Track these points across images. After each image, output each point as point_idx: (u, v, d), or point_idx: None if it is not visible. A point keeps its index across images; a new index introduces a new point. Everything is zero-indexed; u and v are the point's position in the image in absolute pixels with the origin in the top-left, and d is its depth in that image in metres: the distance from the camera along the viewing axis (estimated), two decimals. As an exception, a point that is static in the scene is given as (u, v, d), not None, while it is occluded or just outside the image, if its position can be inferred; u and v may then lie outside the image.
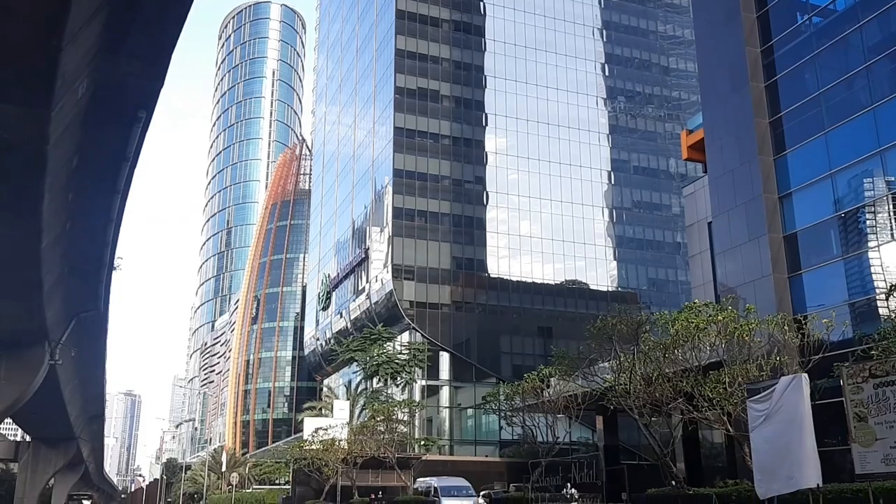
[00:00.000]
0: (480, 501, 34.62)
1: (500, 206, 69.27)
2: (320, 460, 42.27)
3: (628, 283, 72.96)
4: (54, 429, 51.54)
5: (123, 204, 23.68)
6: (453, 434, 64.97)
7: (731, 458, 26.60)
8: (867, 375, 12.65)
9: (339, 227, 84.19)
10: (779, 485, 13.76)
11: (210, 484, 76.75)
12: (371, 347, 61.03)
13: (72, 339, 33.20)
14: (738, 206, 30.95)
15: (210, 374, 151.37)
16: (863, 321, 25.75)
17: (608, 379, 22.83)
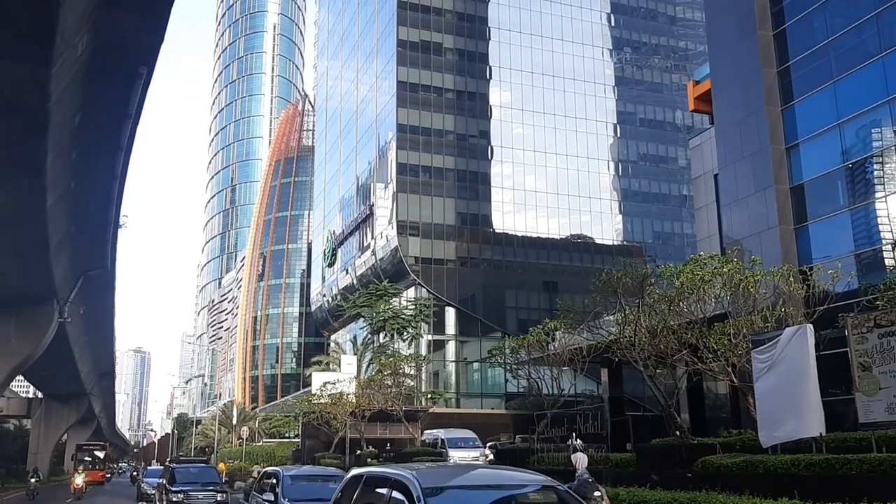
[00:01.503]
0: (487, 452, 35.11)
1: (504, 161, 68.89)
2: (329, 414, 42.83)
3: (634, 237, 72.88)
4: (66, 385, 52.26)
5: (127, 161, 23.65)
6: (459, 387, 65.69)
7: (735, 409, 26.82)
8: (872, 325, 12.71)
9: (344, 183, 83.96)
10: (782, 433, 13.92)
11: (221, 438, 78.02)
12: (377, 303, 61.36)
13: (80, 297, 33.46)
14: (744, 157, 30.72)
15: (218, 330, 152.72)
16: (868, 272, 25.74)
17: (613, 332, 22.93)
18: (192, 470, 24.26)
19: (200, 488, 21.63)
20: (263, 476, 15.91)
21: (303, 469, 18.57)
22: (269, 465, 53.49)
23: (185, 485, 21.78)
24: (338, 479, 13.76)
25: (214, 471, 25.65)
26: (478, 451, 35.16)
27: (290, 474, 14.60)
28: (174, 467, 23.81)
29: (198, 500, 21.18)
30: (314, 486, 14.05)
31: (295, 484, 13.87)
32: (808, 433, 13.51)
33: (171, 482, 21.98)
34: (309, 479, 15.02)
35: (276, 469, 15.47)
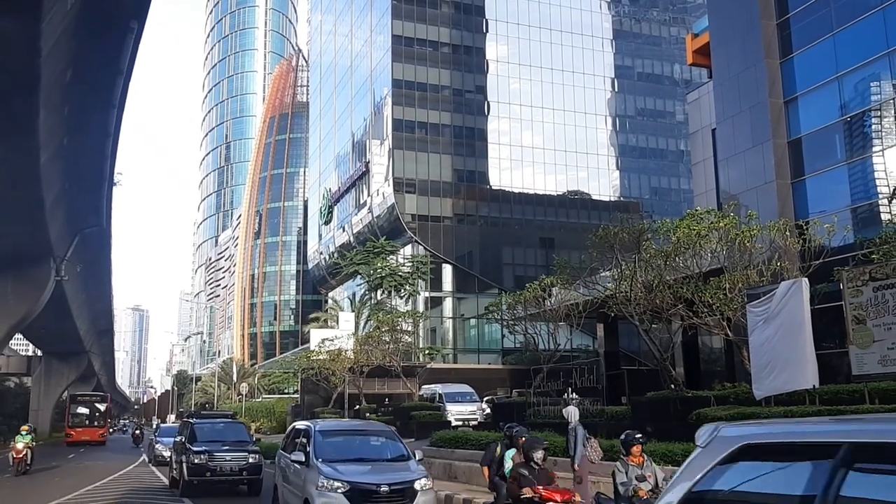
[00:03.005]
0: (484, 406, 35.54)
1: (501, 117, 68.36)
2: (327, 370, 43.18)
3: (631, 193, 72.74)
4: (65, 343, 52.54)
5: (120, 118, 23.46)
6: (457, 343, 66.17)
7: (729, 363, 27.09)
8: (867, 279, 12.75)
9: (339, 140, 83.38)
10: (775, 386, 14.07)
11: (220, 394, 78.82)
12: (374, 260, 61.45)
13: (76, 255, 33.47)
14: (742, 111, 30.51)
15: (216, 288, 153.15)
16: (864, 226, 25.78)
17: (609, 287, 23.02)
18: (217, 426, 20.32)
19: (228, 448, 18.10)
20: (292, 433, 13.48)
21: (339, 423, 16.25)
22: (269, 422, 54.36)
23: (209, 444, 18.21)
24: (383, 434, 12.68)
25: (243, 427, 21.27)
26: (475, 406, 35.60)
27: (322, 429, 12.39)
28: (194, 423, 19.84)
29: (225, 463, 17.65)
30: (352, 444, 12.25)
31: (329, 441, 11.88)
32: (802, 385, 13.65)
33: (192, 441, 18.32)
34: (346, 434, 13.00)
35: (306, 424, 12.92)
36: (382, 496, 10.31)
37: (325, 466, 10.68)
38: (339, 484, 10.22)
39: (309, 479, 10.73)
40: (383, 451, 12.11)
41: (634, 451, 8.39)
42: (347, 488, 10.21)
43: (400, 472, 10.96)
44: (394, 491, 10.34)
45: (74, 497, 17.81)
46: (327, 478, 10.40)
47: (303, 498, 10.78)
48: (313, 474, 10.66)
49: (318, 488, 10.31)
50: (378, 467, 11.36)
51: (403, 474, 10.87)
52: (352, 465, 10.97)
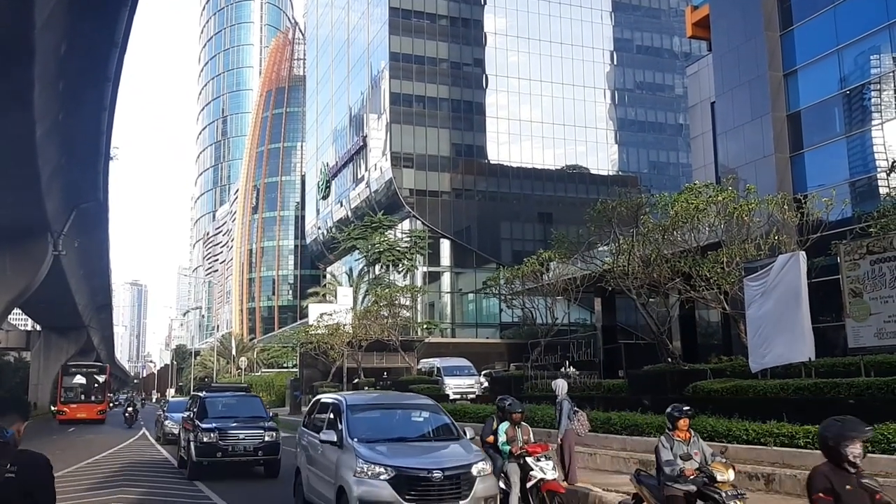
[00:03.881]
0: (482, 380, 35.76)
1: (499, 90, 67.96)
2: (326, 344, 43.40)
3: (629, 167, 72.55)
4: (64, 318, 52.63)
5: (116, 92, 23.31)
6: (455, 318, 66.36)
7: (726, 336, 27.24)
8: (864, 252, 12.77)
9: (336, 114, 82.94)
10: (772, 358, 14.14)
11: (220, 368, 79.14)
12: (372, 235, 61.47)
13: (74, 230, 33.42)
14: (741, 84, 30.37)
15: (214, 263, 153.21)
16: (863, 200, 25.78)
17: (607, 261, 23.05)
18: (230, 400, 18.40)
19: (241, 425, 16.26)
20: (316, 408, 11.61)
21: (374, 396, 14.00)
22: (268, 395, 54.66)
23: (220, 420, 16.46)
24: (426, 408, 10.77)
25: (259, 401, 19.03)
26: (472, 379, 35.81)
27: (354, 403, 10.54)
28: (204, 397, 17.91)
29: (238, 442, 15.83)
30: (391, 420, 10.55)
31: (364, 416, 10.20)
32: (798, 358, 13.73)
33: (201, 417, 16.52)
34: (384, 408, 11.14)
35: (335, 398, 10.94)
36: (435, 484, 8.60)
37: (362, 448, 9.05)
38: (381, 469, 8.61)
39: (343, 463, 9.08)
40: (428, 429, 10.41)
41: (681, 426, 7.62)
42: (392, 475, 8.56)
43: (453, 455, 9.24)
44: (448, 478, 8.64)
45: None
46: (367, 462, 8.76)
47: (336, 486, 9.12)
48: (348, 457, 9.03)
49: (356, 474, 8.67)
50: (425, 448, 9.73)
51: (457, 457, 9.14)
52: (394, 445, 9.39)
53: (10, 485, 3.46)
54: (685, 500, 7.30)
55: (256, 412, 17.49)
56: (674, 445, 7.53)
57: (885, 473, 9.58)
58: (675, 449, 7.49)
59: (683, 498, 7.29)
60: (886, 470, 9.70)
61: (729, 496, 7.01)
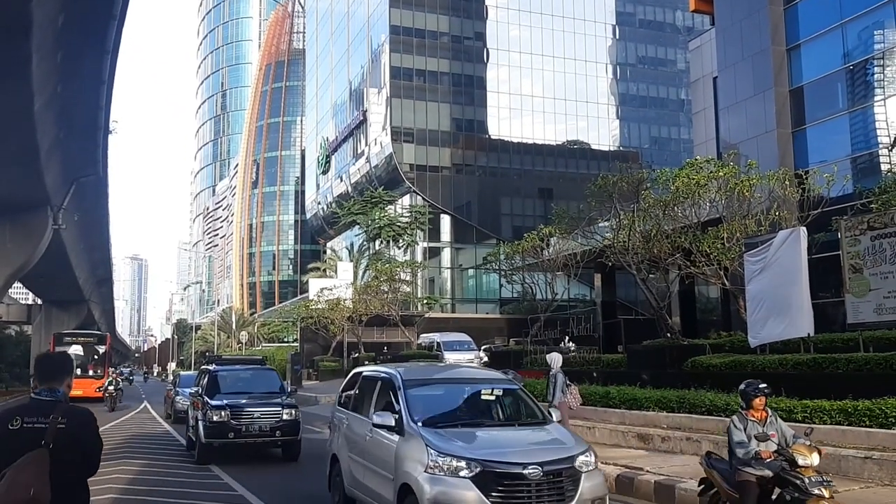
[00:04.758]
0: (481, 355, 35.94)
1: (500, 65, 67.50)
2: (326, 319, 43.56)
3: (630, 142, 72.28)
4: (64, 292, 52.75)
5: (114, 64, 23.17)
6: (455, 293, 66.48)
7: (725, 312, 27.33)
8: (865, 228, 12.76)
9: (336, 88, 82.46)
10: (771, 334, 14.19)
11: (220, 342, 79.46)
12: (372, 210, 61.38)
13: (73, 203, 33.40)
14: (744, 59, 30.16)
15: (214, 237, 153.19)
16: (864, 176, 25.73)
17: (607, 237, 23.07)
18: (243, 374, 16.66)
19: (256, 401, 14.60)
20: (358, 384, 9.48)
21: (433, 370, 11.07)
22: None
23: (232, 396, 14.77)
24: (498, 382, 8.68)
25: (275, 375, 17.30)
26: (472, 354, 35.98)
27: (411, 378, 8.39)
28: (214, 371, 16.03)
29: (253, 421, 14.11)
30: (459, 398, 8.43)
31: (425, 395, 8.19)
32: (797, 334, 13.77)
33: (211, 393, 14.82)
34: (448, 384, 8.96)
35: (384, 371, 8.85)
36: (532, 484, 6.67)
37: (432, 436, 7.13)
38: (461, 464, 6.71)
39: (407, 454, 7.20)
40: (505, 410, 8.45)
41: (756, 405, 6.87)
42: (477, 471, 6.66)
43: (548, 444, 7.31)
44: (549, 474, 6.73)
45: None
46: (442, 454, 6.85)
47: (397, 483, 7.26)
48: (414, 447, 7.14)
49: (427, 470, 6.81)
50: (510, 436, 7.72)
51: (555, 447, 7.18)
52: (468, 432, 7.47)
53: (62, 435, 4.00)
54: (759, 486, 6.63)
55: (273, 387, 15.82)
56: (748, 426, 6.83)
57: (883, 448, 9.65)
58: (749, 429, 6.78)
59: (757, 483, 6.62)
60: (884, 445, 9.76)
61: (813, 483, 6.26)
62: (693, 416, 13.02)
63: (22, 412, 4.09)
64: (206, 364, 18.42)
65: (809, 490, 6.25)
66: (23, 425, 4.03)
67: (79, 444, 4.11)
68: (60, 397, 4.20)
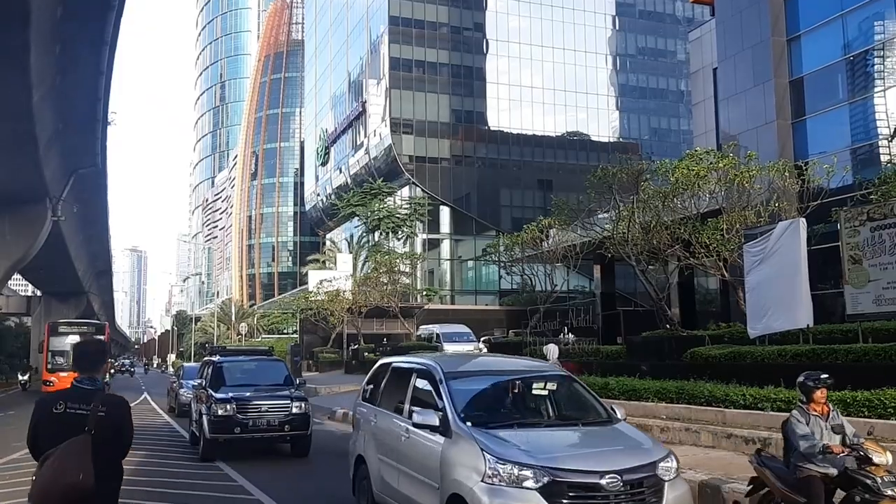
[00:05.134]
0: (481, 346, 35.98)
1: (500, 55, 67.33)
2: (326, 310, 43.62)
3: (630, 134, 72.18)
4: (64, 284, 52.75)
5: (112, 56, 23.12)
6: (454, 284, 66.51)
7: (724, 303, 27.36)
8: (865, 219, 12.77)
9: (335, 79, 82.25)
10: (770, 325, 14.22)
11: (220, 334, 79.50)
12: (372, 202, 61.35)
13: (72, 195, 33.39)
14: (744, 49, 30.10)
15: (213, 229, 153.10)
16: (864, 167, 25.73)
17: (607, 228, 23.09)
18: (248, 365, 15.97)
19: (264, 394, 13.84)
20: (384, 375, 8.47)
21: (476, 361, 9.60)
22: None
23: (238, 389, 14.00)
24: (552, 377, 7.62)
25: (283, 366, 16.49)
26: (472, 345, 36.02)
27: (453, 370, 7.34)
28: (219, 362, 15.40)
29: (260, 416, 13.35)
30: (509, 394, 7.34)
31: (470, 389, 7.15)
32: (796, 325, 13.80)
33: (215, 386, 14.19)
34: (494, 376, 7.69)
35: (420, 362, 7.74)
36: (611, 496, 5.70)
37: (486, 438, 6.05)
38: (527, 473, 5.66)
39: (456, 459, 6.16)
40: (563, 408, 7.41)
41: (818, 398, 6.34)
42: (546, 481, 5.64)
43: (622, 448, 6.28)
44: (629, 484, 5.75)
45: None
46: (501, 460, 5.76)
47: (446, 492, 6.23)
48: (465, 451, 6.09)
49: (486, 479, 5.74)
50: (576, 438, 6.68)
51: (632, 452, 6.15)
52: (527, 434, 6.31)
53: (103, 422, 4.38)
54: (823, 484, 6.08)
55: (280, 379, 15.03)
56: (809, 421, 6.26)
57: (882, 438, 9.67)
58: (811, 425, 6.24)
59: (821, 481, 6.07)
60: (883, 435, 9.79)
61: (886, 483, 5.71)
62: (692, 406, 13.05)
63: (65, 398, 4.47)
64: (208, 355, 17.48)
65: (882, 491, 5.70)
66: (66, 410, 4.40)
67: (117, 431, 4.49)
68: (100, 386, 4.59)
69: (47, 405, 4.44)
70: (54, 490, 4.13)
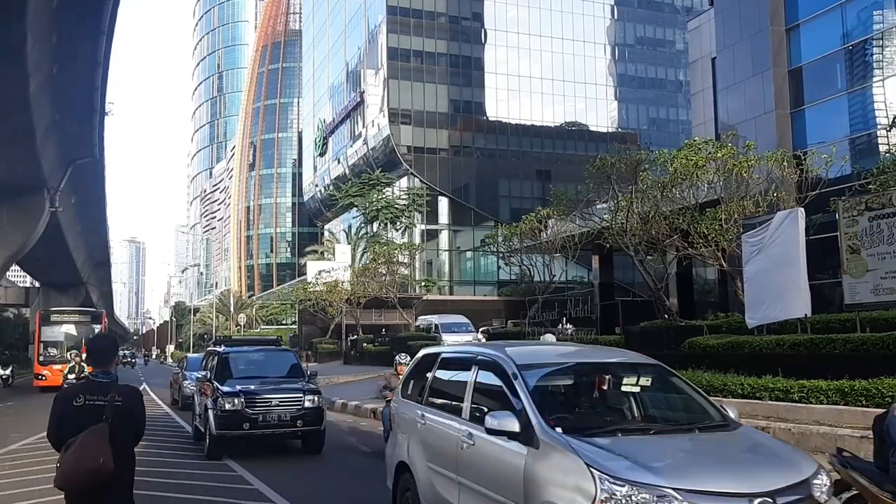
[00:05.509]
0: (479, 337, 36.00)
1: (498, 45, 67.14)
2: (325, 301, 43.64)
3: (629, 124, 72.09)
4: (62, 275, 52.79)
5: (109, 46, 23.06)
6: (453, 275, 66.52)
7: (723, 294, 27.38)
8: (863, 209, 12.76)
9: (333, 69, 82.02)
10: (768, 315, 14.22)
11: (219, 325, 79.55)
12: (370, 193, 61.29)
13: (70, 186, 33.35)
14: (743, 39, 30.04)
15: (211, 220, 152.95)
16: (862, 156, 25.72)
17: (605, 218, 23.08)
18: (255, 356, 14.92)
19: (274, 387, 12.90)
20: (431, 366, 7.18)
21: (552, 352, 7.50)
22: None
23: (246, 381, 13.04)
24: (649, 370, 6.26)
25: (293, 357, 15.63)
26: (470, 336, 36.02)
27: (529, 362, 6.02)
28: (224, 353, 14.26)
29: (271, 410, 12.37)
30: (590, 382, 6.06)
31: (553, 388, 6.12)
32: (794, 315, 13.80)
33: (221, 378, 13.18)
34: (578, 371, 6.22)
35: (488, 353, 6.29)
36: None
37: (589, 449, 4.75)
38: (646, 497, 4.37)
39: (548, 475, 4.88)
40: (667, 409, 6.16)
41: None
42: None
43: (764, 462, 4.95)
44: None
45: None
46: (618, 479, 4.46)
47: None
48: (561, 466, 4.81)
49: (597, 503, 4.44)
50: (701, 448, 5.27)
51: (776, 467, 4.82)
52: (632, 442, 5.03)
53: (119, 411, 4.73)
54: None
55: (291, 370, 14.16)
56: None
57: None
58: None
59: None
60: (879, 423, 9.81)
61: None
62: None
63: (84, 391, 4.84)
64: (213, 345, 16.33)
65: None
66: (85, 402, 4.75)
67: (132, 419, 4.87)
68: (114, 378, 4.93)
69: (68, 399, 4.80)
70: (78, 474, 4.48)
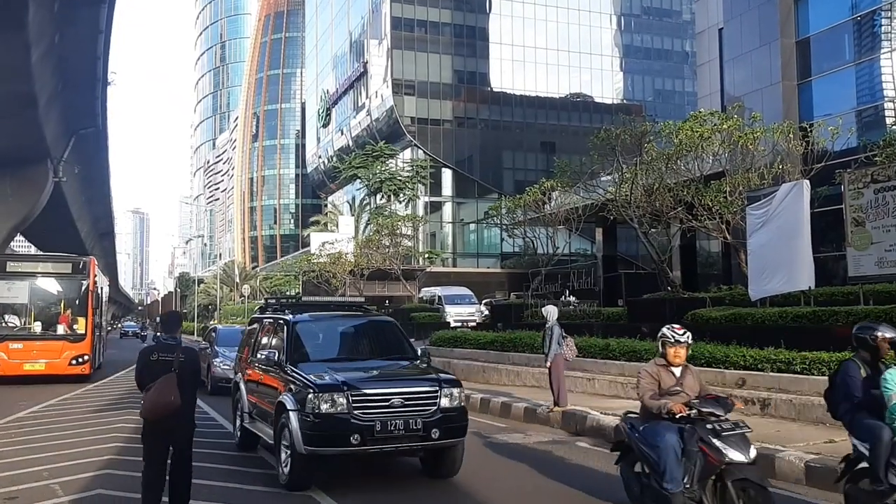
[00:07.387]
0: (482, 308, 36.12)
1: (503, 15, 66.46)
2: (328, 272, 43.66)
3: (634, 95, 71.57)
4: (67, 245, 52.72)
5: (112, 14, 22.90)
6: (456, 247, 66.55)
7: (726, 266, 27.37)
8: (869, 181, 12.72)
9: (336, 39, 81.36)
10: (771, 287, 14.23)
11: (223, 296, 79.85)
12: (373, 164, 61.06)
13: (74, 156, 33.29)
14: (751, 9, 29.70)
15: (215, 191, 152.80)
16: (869, 129, 25.52)
17: (609, 191, 22.97)
18: (339, 326, 9.84)
19: (390, 378, 8.34)
20: None
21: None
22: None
23: (337, 365, 8.26)
24: None
25: (395, 326, 10.01)
26: (473, 307, 36.18)
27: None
28: (294, 321, 9.05)
29: (394, 413, 7.50)
30: None
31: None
32: (798, 287, 13.81)
33: (295, 359, 8.39)
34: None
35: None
36: None
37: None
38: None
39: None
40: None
41: None
42: None
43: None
44: None
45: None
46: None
47: None
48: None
49: None
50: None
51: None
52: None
53: (183, 365, 6.35)
54: None
55: (396, 348, 9.39)
56: None
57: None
58: None
59: None
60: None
61: None
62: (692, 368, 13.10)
63: (157, 349, 6.48)
64: (267, 310, 10.86)
65: None
66: (159, 357, 6.37)
67: (192, 371, 6.59)
68: (179, 341, 6.60)
69: (148, 355, 6.44)
70: (158, 406, 6.11)
